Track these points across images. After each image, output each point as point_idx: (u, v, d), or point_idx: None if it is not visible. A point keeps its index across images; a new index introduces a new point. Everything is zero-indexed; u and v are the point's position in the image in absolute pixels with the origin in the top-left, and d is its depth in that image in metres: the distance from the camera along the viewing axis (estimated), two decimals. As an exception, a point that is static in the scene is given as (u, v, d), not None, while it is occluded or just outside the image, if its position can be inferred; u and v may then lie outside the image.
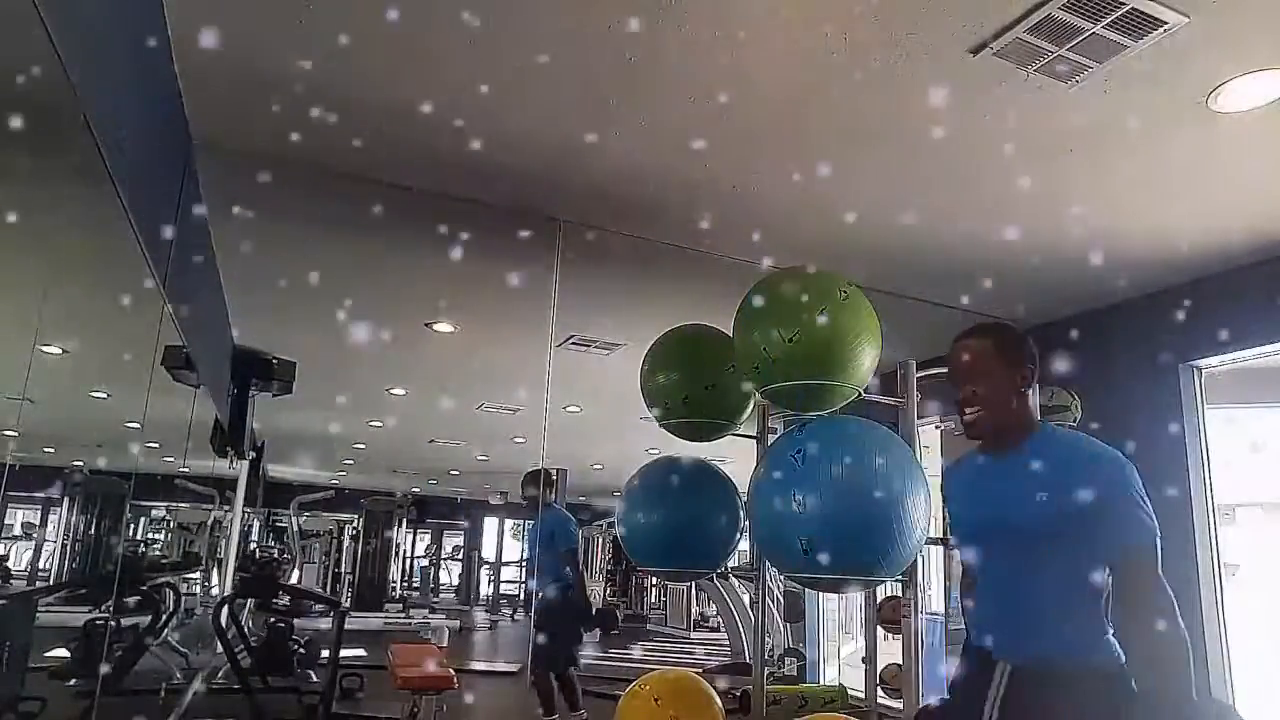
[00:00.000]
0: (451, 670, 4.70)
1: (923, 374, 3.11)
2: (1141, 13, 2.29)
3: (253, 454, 7.09)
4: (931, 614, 4.98)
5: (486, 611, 16.10)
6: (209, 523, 12.42)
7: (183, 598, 6.72)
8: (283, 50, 2.66)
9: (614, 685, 6.07)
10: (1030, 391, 1.91)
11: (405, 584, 17.65)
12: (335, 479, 16.55)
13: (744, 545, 3.59)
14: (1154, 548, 1.70)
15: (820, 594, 6.76)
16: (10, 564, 14.33)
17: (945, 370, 2.14)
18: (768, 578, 3.40)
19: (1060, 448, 1.82)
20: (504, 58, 2.66)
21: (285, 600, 6.26)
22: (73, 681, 5.25)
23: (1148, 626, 1.65)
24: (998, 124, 2.90)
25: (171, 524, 15.35)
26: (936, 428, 4.15)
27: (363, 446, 11.90)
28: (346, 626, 5.27)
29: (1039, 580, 1.78)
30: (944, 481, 2.10)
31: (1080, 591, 1.74)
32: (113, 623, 5.80)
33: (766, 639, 3.60)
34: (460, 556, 20.67)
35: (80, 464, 13.63)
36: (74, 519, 13.63)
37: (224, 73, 2.77)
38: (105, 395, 8.20)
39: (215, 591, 8.17)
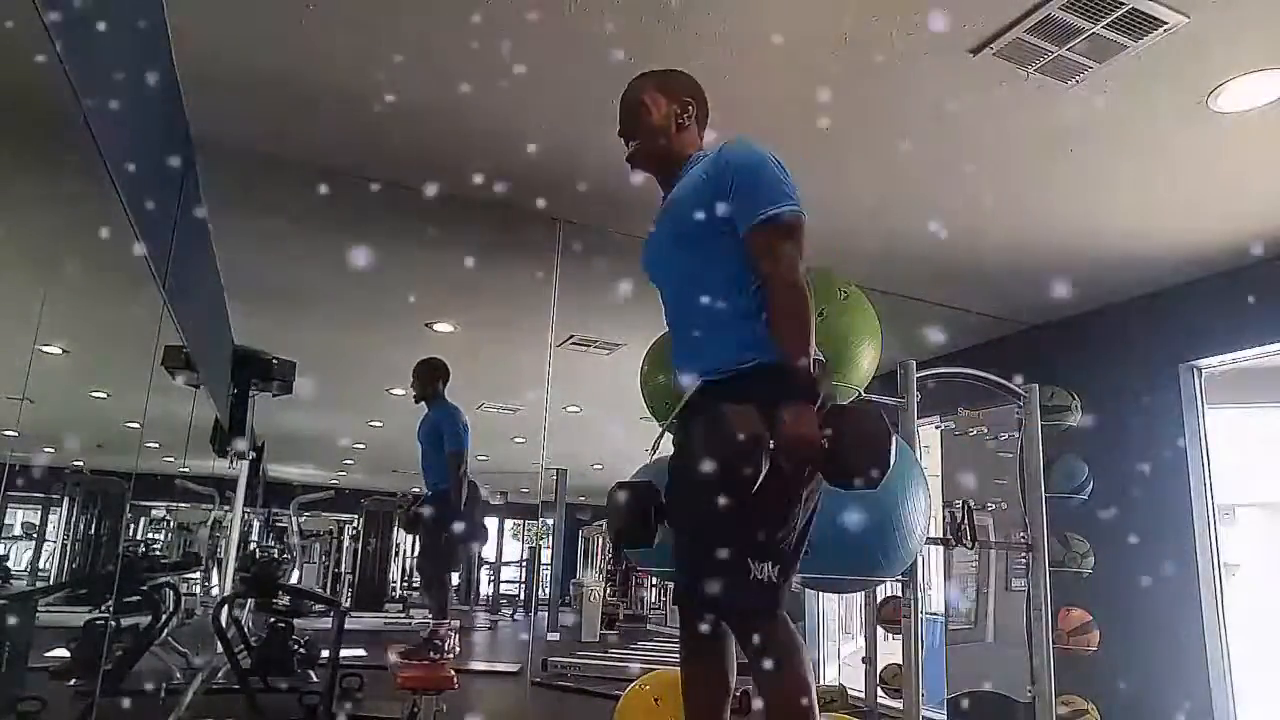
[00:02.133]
0: (451, 670, 4.69)
1: (923, 374, 3.12)
2: (1141, 13, 2.29)
3: (253, 454, 7.08)
4: (931, 614, 4.98)
5: (486, 611, 16.09)
6: (209, 523, 12.42)
7: (183, 598, 6.71)
8: (283, 50, 2.66)
9: (614, 685, 6.07)
10: (688, 124, 1.92)
11: (405, 584, 17.63)
12: (335, 479, 16.54)
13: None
14: (781, 222, 1.66)
15: (820, 594, 6.76)
16: (10, 564, 14.32)
17: (948, 371, 2.10)
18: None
19: (707, 159, 1.83)
20: (504, 58, 2.66)
21: (285, 600, 6.24)
22: (73, 681, 5.24)
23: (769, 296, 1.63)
24: (998, 124, 2.90)
25: (171, 524, 15.34)
26: (936, 428, 4.15)
27: (363, 446, 11.90)
28: (346, 626, 5.26)
29: (697, 294, 1.75)
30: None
31: (728, 289, 1.71)
32: (113, 623, 5.79)
33: (766, 639, 3.59)
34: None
35: (80, 464, 13.62)
36: (74, 519, 13.62)
37: (224, 73, 2.77)
38: (105, 395, 8.20)
39: (215, 591, 8.17)
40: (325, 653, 5.58)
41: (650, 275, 1.99)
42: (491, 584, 18.72)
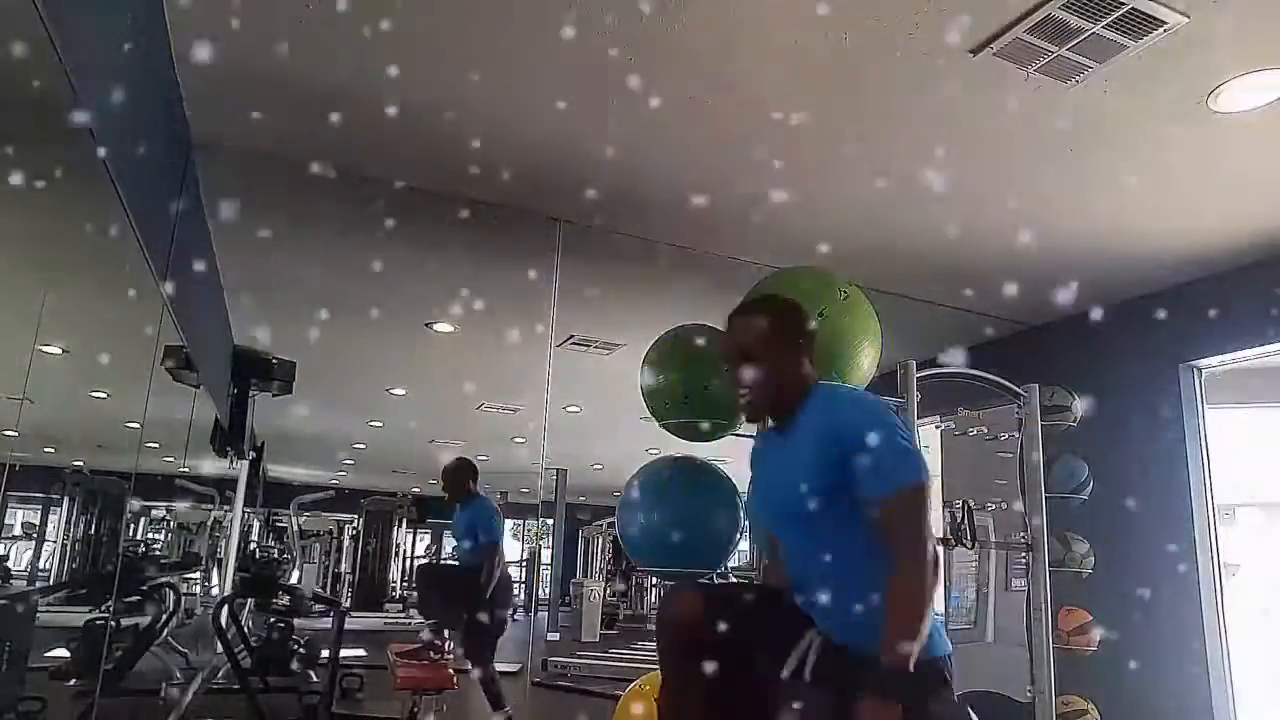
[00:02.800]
0: (452, 670, 4.69)
1: (923, 374, 3.12)
2: (1141, 13, 2.29)
3: (253, 454, 7.08)
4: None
5: (486, 611, 16.05)
6: (209, 523, 12.42)
7: (183, 598, 6.71)
8: (283, 50, 2.66)
9: (614, 685, 6.07)
10: (804, 360, 1.79)
11: (405, 584, 17.63)
12: (335, 479, 16.54)
13: (744, 545, 3.59)
14: (910, 491, 1.57)
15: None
16: (10, 564, 14.31)
17: (948, 371, 2.07)
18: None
19: (822, 404, 1.72)
20: (504, 58, 2.66)
21: (285, 600, 6.24)
22: (73, 681, 5.24)
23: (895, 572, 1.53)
24: (998, 124, 2.90)
25: (171, 524, 15.34)
26: (936, 428, 4.15)
27: (363, 446, 11.90)
28: (346, 626, 5.26)
29: (824, 551, 1.66)
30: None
31: (862, 557, 1.60)
32: (113, 623, 5.79)
33: (766, 639, 3.59)
34: (460, 557, 20.62)
35: (80, 464, 13.62)
36: (74, 519, 13.62)
37: (224, 73, 2.77)
38: (105, 395, 8.20)
39: (215, 591, 8.17)
40: (325, 653, 5.58)
41: (763, 521, 1.88)
42: (491, 584, 18.67)
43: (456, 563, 4.73)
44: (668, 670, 1.79)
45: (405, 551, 17.37)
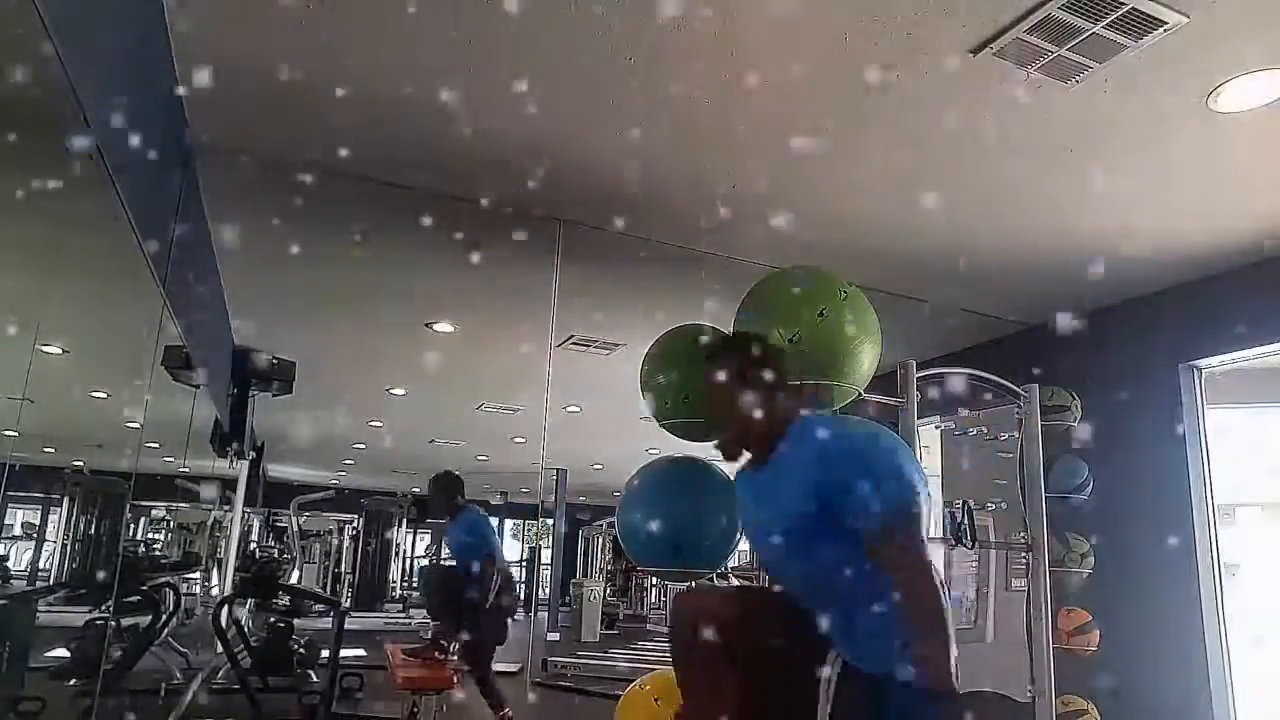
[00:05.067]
0: (451, 670, 4.69)
1: (923, 374, 3.11)
2: (1141, 13, 2.29)
3: (253, 454, 7.09)
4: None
5: (486, 611, 16.05)
6: (209, 523, 12.41)
7: (183, 598, 6.71)
8: (283, 51, 2.66)
9: (614, 685, 6.07)
10: (774, 396, 1.78)
11: (405, 584, 17.63)
12: (335, 479, 16.54)
13: (744, 545, 3.58)
14: (902, 522, 1.58)
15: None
16: (10, 564, 14.31)
17: (947, 371, 2.07)
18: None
19: (797, 447, 1.71)
20: (504, 58, 2.66)
21: (285, 600, 6.25)
22: (73, 681, 5.25)
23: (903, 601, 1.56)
24: (998, 124, 2.90)
25: (171, 524, 15.34)
26: (936, 428, 4.14)
27: (363, 446, 11.90)
28: (346, 626, 5.26)
29: (827, 588, 1.67)
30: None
31: (855, 587, 1.62)
32: (113, 623, 5.79)
33: (766, 639, 3.60)
34: (460, 556, 20.61)
35: (80, 464, 13.62)
36: (74, 519, 13.62)
37: (224, 74, 2.77)
38: (105, 395, 8.20)
39: (215, 591, 8.17)
40: (325, 653, 5.59)
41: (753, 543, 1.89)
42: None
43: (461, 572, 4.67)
44: (689, 673, 1.76)
45: (405, 551, 17.37)
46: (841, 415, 1.70)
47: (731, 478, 3.45)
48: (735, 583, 8.85)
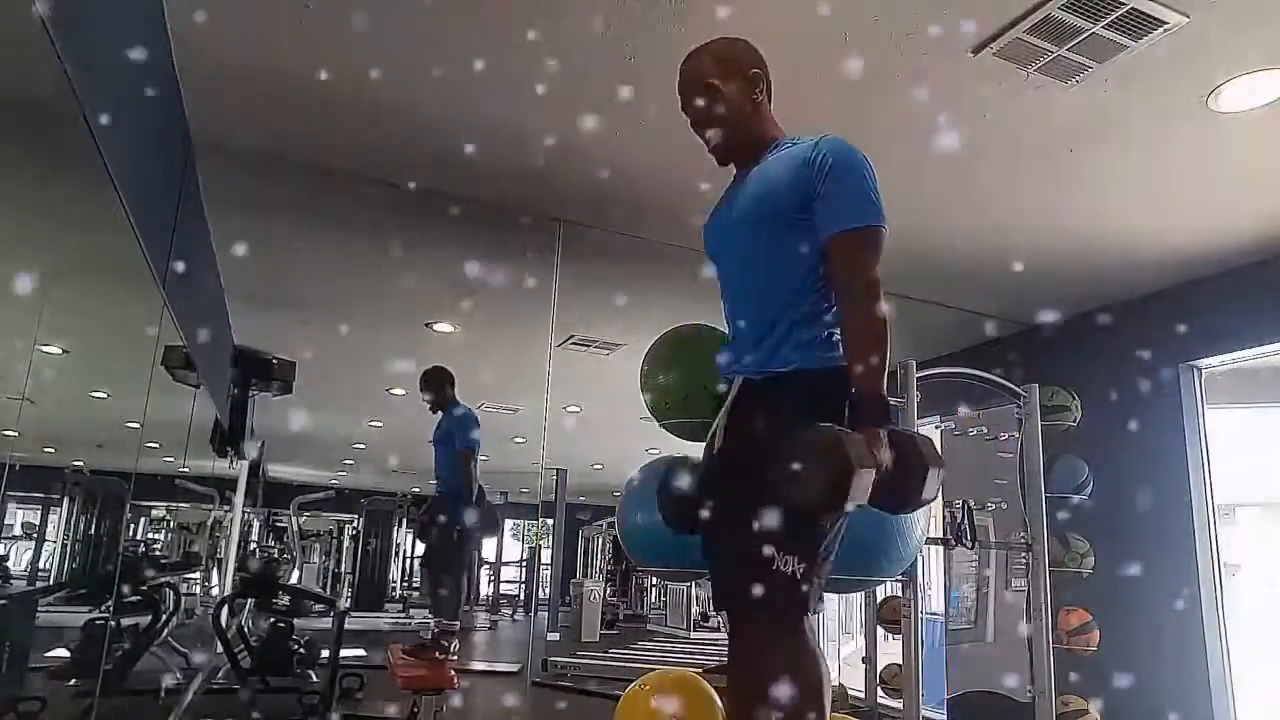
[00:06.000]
0: (452, 670, 4.69)
1: (923, 374, 3.11)
2: (1141, 13, 2.29)
3: (253, 454, 7.08)
4: (931, 614, 4.98)
5: (487, 611, 16.08)
6: (209, 523, 12.42)
7: (183, 598, 6.71)
8: (283, 50, 2.66)
9: (614, 685, 6.07)
10: (759, 99, 1.82)
11: (405, 584, 17.63)
12: (335, 479, 16.54)
13: (744, 545, 3.58)
14: (866, 233, 1.67)
15: (820, 594, 6.74)
16: (10, 564, 14.31)
17: (948, 371, 2.10)
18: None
19: (793, 146, 1.74)
20: (504, 58, 2.66)
21: (285, 600, 6.25)
22: (73, 681, 5.24)
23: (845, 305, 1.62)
24: (998, 124, 2.90)
25: (171, 524, 15.34)
26: (936, 428, 4.15)
27: (363, 446, 11.90)
28: (346, 626, 5.26)
29: (765, 283, 1.71)
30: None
31: (800, 286, 1.67)
32: (113, 623, 5.79)
33: (766, 639, 3.59)
34: (460, 556, 20.62)
35: (80, 464, 13.62)
36: (74, 519, 13.62)
37: (224, 73, 2.77)
38: (105, 395, 8.20)
39: (215, 591, 8.17)
40: (325, 653, 5.59)
41: (712, 253, 1.90)
42: (491, 584, 18.71)
43: (436, 504, 4.68)
44: None
45: (405, 551, 17.37)
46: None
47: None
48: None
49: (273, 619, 5.94)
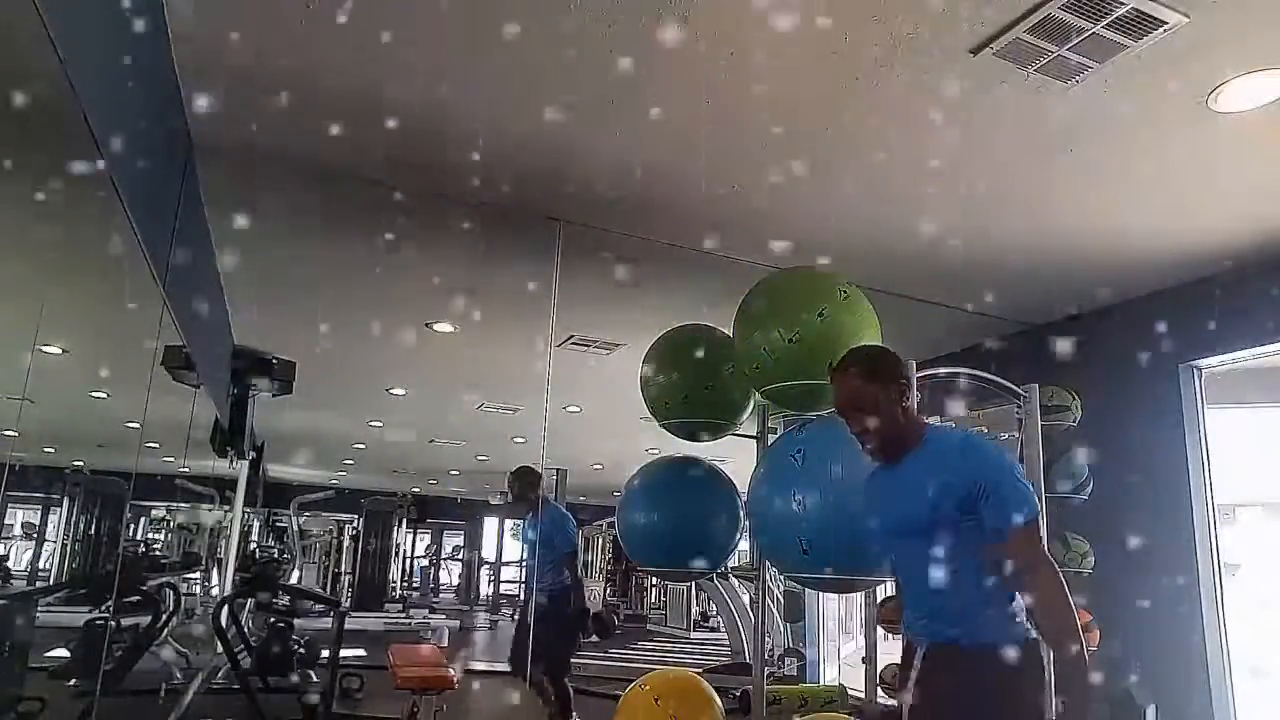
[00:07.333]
0: (451, 670, 4.70)
1: (923, 374, 3.12)
2: (1141, 13, 2.29)
3: (253, 454, 7.09)
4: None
5: (487, 611, 16.10)
6: (209, 523, 12.42)
7: (183, 598, 6.71)
8: (283, 51, 2.66)
9: (614, 685, 6.08)
10: (908, 402, 2.12)
11: (405, 584, 17.65)
12: (335, 479, 16.54)
13: (744, 545, 3.59)
14: (1035, 523, 1.97)
15: (820, 594, 6.76)
16: (10, 564, 14.32)
17: (948, 371, 2.25)
18: (768, 578, 3.40)
19: (942, 445, 2.06)
20: (505, 59, 2.66)
21: (285, 600, 6.25)
22: (73, 681, 5.25)
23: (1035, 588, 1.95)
24: (998, 124, 2.90)
25: (171, 524, 15.35)
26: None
27: (363, 446, 11.90)
28: (346, 627, 5.26)
29: (940, 568, 1.99)
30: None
31: (977, 572, 1.97)
32: (113, 623, 5.79)
33: (766, 639, 3.60)
34: (460, 556, 20.68)
35: (80, 464, 13.63)
36: (74, 519, 13.63)
37: (224, 73, 2.77)
38: (105, 395, 8.20)
39: (215, 591, 8.17)
40: (325, 653, 5.59)
41: (886, 532, 2.17)
42: (491, 584, 18.74)
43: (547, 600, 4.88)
44: None
45: (405, 551, 17.39)
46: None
47: (731, 476, 3.45)
48: (735, 583, 8.85)
49: (273, 619, 5.94)
